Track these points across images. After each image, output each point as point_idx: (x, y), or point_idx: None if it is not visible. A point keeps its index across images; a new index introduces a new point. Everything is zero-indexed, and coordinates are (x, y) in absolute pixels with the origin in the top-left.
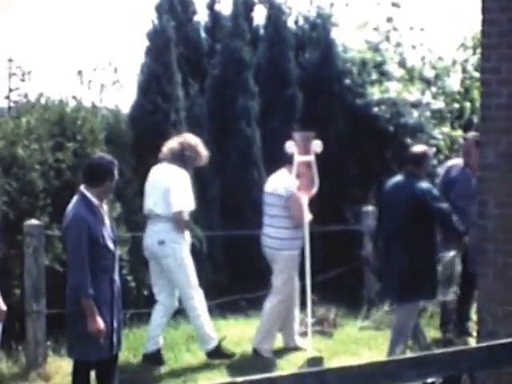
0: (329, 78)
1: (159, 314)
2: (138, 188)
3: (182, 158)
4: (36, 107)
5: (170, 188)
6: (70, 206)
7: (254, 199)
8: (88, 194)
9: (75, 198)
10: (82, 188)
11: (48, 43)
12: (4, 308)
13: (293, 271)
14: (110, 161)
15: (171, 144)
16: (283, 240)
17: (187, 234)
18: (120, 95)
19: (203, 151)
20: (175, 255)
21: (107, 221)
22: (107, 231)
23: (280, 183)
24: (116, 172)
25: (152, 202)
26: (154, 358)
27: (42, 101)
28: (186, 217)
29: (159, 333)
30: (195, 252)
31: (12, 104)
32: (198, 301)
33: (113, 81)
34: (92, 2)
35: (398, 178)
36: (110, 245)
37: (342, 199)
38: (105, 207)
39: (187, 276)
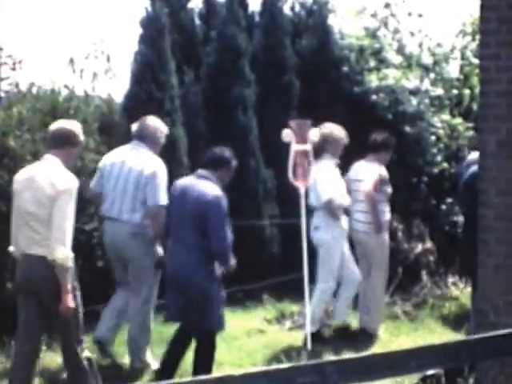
0: (326, 65)
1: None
2: None
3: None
4: (27, 97)
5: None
6: (205, 189)
7: (251, 189)
8: (211, 177)
9: (194, 180)
10: (203, 172)
11: (39, 31)
12: None
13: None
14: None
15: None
16: (368, 224)
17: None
18: (113, 84)
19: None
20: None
21: None
22: None
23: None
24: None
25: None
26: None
27: (34, 90)
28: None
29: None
30: None
31: (3, 94)
32: None
33: (105, 69)
34: None
35: None
36: None
37: None
38: None
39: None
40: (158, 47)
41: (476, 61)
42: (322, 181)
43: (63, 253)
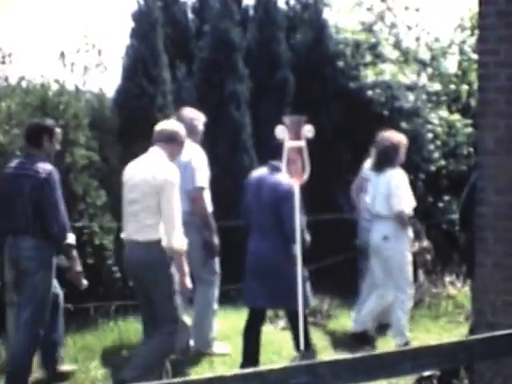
0: (321, 60)
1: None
2: None
3: (391, 160)
4: (17, 91)
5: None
6: (279, 179)
7: (244, 186)
8: (281, 166)
9: (268, 171)
10: (274, 163)
11: (29, 24)
12: None
13: None
14: None
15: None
16: None
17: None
18: (104, 78)
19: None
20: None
21: None
22: None
23: None
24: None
25: (377, 205)
26: (362, 338)
27: (23, 84)
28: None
29: (369, 318)
30: None
31: None
32: None
33: (97, 63)
34: None
35: None
36: None
37: (334, 186)
38: None
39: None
40: (151, 41)
41: (474, 56)
42: (397, 191)
43: (178, 240)
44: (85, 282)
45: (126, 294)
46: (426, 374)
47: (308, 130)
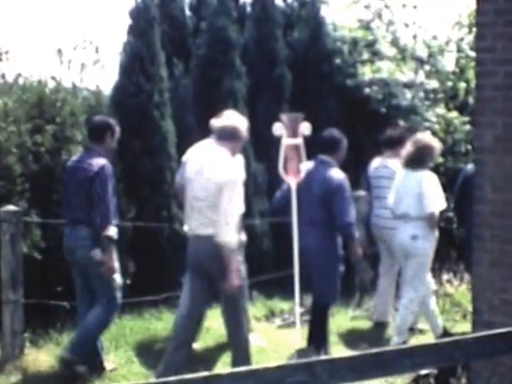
0: (318, 57)
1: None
2: (121, 172)
3: (425, 161)
4: (14, 88)
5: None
6: (329, 174)
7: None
8: (330, 161)
9: (317, 165)
10: (323, 157)
11: (26, 21)
12: None
13: None
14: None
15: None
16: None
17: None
18: (101, 76)
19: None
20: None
21: None
22: None
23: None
24: None
25: (406, 204)
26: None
27: (20, 81)
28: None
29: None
30: (179, 239)
31: None
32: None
33: (94, 61)
34: None
35: None
36: None
37: None
38: None
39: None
40: (148, 39)
41: (472, 53)
42: (429, 192)
43: (230, 235)
44: (117, 277)
45: (125, 292)
46: (423, 372)
47: (305, 128)
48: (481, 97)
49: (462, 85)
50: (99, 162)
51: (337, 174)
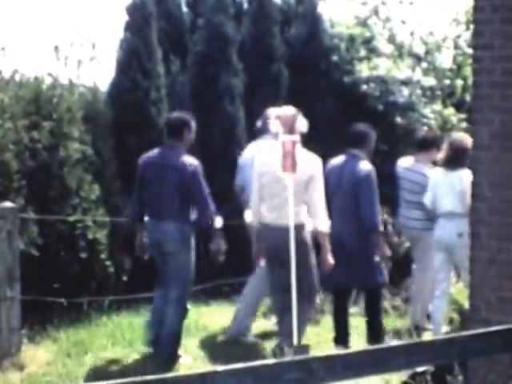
0: (315, 54)
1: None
2: (118, 169)
3: (463, 160)
4: (10, 84)
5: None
6: (358, 166)
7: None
8: (360, 154)
9: (346, 159)
10: (352, 150)
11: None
12: None
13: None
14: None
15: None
16: (426, 221)
17: None
18: (98, 72)
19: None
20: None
21: None
22: None
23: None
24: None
25: (450, 203)
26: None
27: (17, 78)
28: None
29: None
30: None
31: None
32: None
33: (91, 57)
34: None
35: None
36: None
37: None
38: None
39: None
40: (145, 35)
41: (469, 50)
42: (467, 190)
43: (324, 223)
44: (193, 267)
45: (120, 289)
46: (420, 369)
47: (302, 124)
48: (478, 94)
49: (459, 82)
50: (192, 162)
51: (365, 167)
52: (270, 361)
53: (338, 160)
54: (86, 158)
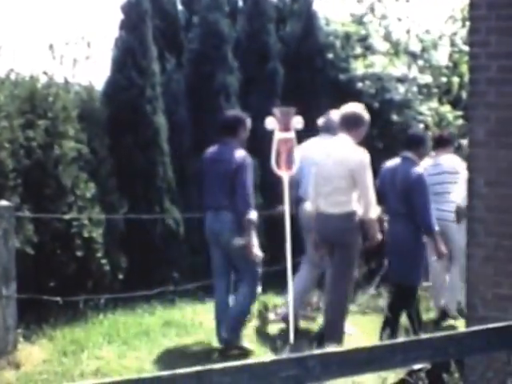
0: (311, 52)
1: None
2: (113, 167)
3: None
4: (5, 83)
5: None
6: (410, 169)
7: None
8: (413, 157)
9: (401, 161)
10: (406, 153)
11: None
12: None
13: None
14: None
15: None
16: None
17: None
18: (93, 70)
19: None
20: None
21: None
22: None
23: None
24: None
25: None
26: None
27: (12, 76)
28: None
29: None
30: (172, 234)
31: None
32: None
33: (86, 55)
34: None
35: None
36: None
37: None
38: None
39: None
40: (140, 33)
41: (465, 48)
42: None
43: (373, 212)
44: (259, 254)
45: (116, 287)
46: (417, 367)
47: (297, 122)
48: (474, 91)
49: (456, 79)
50: (240, 154)
51: (416, 171)
52: (268, 358)
53: (392, 162)
54: (81, 157)
